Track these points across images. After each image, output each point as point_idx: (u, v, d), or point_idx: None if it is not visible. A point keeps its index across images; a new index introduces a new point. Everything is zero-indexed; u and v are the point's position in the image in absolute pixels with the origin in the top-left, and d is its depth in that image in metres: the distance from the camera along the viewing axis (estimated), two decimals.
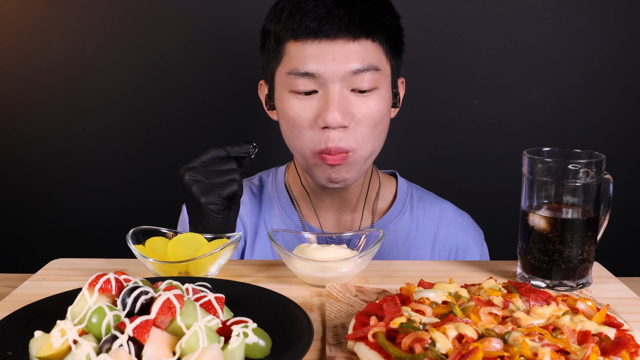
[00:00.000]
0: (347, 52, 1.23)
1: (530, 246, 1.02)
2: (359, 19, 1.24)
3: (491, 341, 0.71)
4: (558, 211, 1.00)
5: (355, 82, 1.24)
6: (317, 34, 1.23)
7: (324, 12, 1.23)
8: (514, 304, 0.83)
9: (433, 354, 0.70)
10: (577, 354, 0.70)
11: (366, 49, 1.25)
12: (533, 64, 1.92)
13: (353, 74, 1.24)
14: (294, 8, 1.25)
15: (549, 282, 1.01)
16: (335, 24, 1.22)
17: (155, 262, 1.01)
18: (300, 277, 1.04)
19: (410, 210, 1.49)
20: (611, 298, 0.98)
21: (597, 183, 1.00)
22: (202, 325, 0.73)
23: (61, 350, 0.72)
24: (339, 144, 1.25)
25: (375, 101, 1.27)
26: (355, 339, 0.78)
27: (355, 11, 1.24)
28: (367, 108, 1.26)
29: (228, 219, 1.16)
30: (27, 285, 1.03)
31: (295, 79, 1.25)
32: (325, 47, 1.23)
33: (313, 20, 1.23)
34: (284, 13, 1.27)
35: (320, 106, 1.25)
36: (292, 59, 1.26)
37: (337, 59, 1.23)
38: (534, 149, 1.02)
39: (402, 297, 0.86)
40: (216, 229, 1.14)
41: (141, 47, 1.94)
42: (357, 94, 1.26)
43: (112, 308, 0.75)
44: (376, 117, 1.28)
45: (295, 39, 1.25)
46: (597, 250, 1.03)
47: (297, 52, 1.25)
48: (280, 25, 1.27)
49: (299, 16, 1.24)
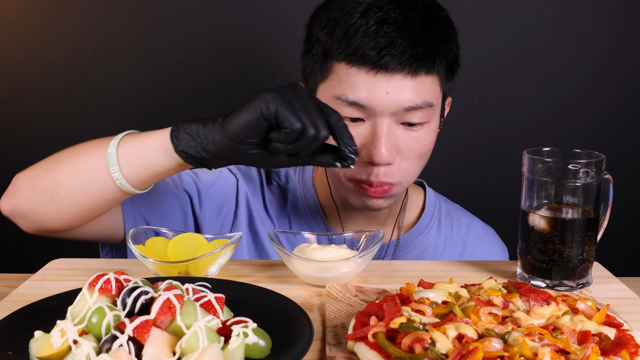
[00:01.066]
0: (403, 87, 1.14)
1: (530, 246, 1.02)
2: (421, 53, 1.13)
3: (491, 341, 0.71)
4: (558, 211, 1.00)
5: (406, 117, 1.16)
6: (374, 65, 1.12)
7: (385, 41, 1.11)
8: (514, 304, 0.82)
9: (433, 354, 0.70)
10: (577, 354, 0.70)
11: (422, 84, 1.16)
12: (533, 64, 1.92)
13: (405, 111, 1.15)
14: (352, 28, 1.13)
15: (549, 282, 1.01)
16: (397, 56, 1.11)
17: (155, 262, 1.01)
18: (300, 277, 1.04)
19: (438, 224, 1.43)
20: (611, 298, 0.98)
21: (597, 183, 1.00)
22: (202, 325, 0.72)
23: (61, 350, 0.72)
24: (383, 178, 1.19)
25: (423, 135, 1.19)
26: (355, 339, 0.77)
27: (418, 42, 1.13)
28: (414, 143, 1.19)
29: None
30: (27, 285, 1.03)
31: (343, 106, 1.16)
32: (380, 80, 1.13)
33: (372, 49, 1.12)
34: (339, 29, 1.15)
35: (367, 138, 1.17)
36: (342, 83, 1.16)
37: (390, 93, 1.13)
38: (534, 149, 1.02)
39: (402, 297, 0.86)
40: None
41: (141, 47, 1.94)
42: (405, 127, 1.18)
43: (112, 308, 0.75)
44: (422, 151, 1.21)
45: (349, 63, 1.15)
46: (597, 250, 1.03)
47: (348, 78, 1.15)
48: (333, 41, 1.16)
49: (356, 40, 1.13)
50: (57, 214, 1.10)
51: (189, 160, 1.01)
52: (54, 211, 1.10)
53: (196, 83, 1.95)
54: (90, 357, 0.70)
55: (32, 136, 2.00)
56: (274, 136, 0.94)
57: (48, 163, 1.12)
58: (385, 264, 1.14)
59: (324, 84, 1.20)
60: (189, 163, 1.02)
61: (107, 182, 1.06)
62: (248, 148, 0.97)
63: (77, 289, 0.86)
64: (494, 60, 1.91)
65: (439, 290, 0.84)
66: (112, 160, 1.04)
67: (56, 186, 1.08)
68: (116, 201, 1.11)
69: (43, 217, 1.11)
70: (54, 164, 1.10)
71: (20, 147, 2.01)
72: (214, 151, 0.98)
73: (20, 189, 1.12)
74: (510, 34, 1.89)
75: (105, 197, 1.08)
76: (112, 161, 1.04)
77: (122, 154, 1.04)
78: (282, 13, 1.86)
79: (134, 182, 1.06)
